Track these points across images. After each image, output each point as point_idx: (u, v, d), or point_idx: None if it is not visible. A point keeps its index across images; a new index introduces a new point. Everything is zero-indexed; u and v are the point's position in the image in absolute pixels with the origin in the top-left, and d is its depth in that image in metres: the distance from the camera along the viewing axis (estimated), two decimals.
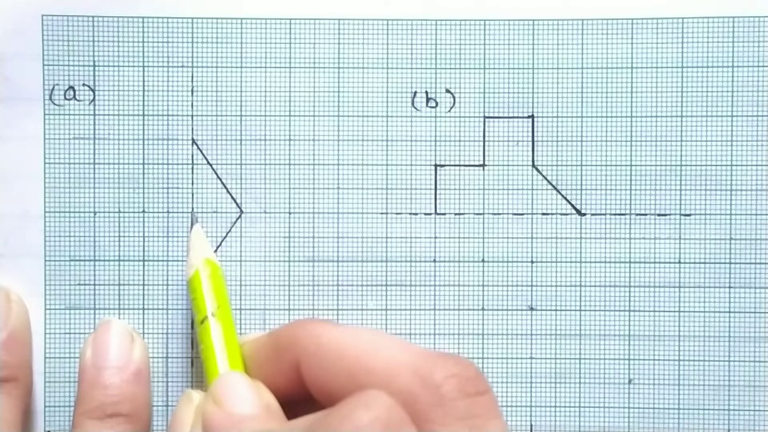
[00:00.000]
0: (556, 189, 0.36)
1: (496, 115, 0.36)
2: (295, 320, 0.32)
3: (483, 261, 0.36)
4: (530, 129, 0.36)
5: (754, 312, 0.36)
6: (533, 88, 0.36)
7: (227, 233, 0.36)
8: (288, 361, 0.30)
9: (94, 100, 0.36)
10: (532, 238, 0.36)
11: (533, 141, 0.36)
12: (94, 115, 0.36)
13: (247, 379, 0.31)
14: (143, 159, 0.36)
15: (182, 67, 0.36)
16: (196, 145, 0.36)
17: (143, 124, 0.36)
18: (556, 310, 0.36)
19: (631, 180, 0.36)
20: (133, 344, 0.34)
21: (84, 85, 0.36)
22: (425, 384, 0.27)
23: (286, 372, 0.30)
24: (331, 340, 0.29)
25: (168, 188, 0.36)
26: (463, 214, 0.36)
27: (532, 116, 0.36)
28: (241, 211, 0.36)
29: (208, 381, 0.31)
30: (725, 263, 0.36)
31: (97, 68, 0.36)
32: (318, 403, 0.29)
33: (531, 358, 0.36)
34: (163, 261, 0.36)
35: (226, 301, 0.33)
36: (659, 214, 0.36)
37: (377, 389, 0.27)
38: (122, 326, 0.35)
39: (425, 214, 0.36)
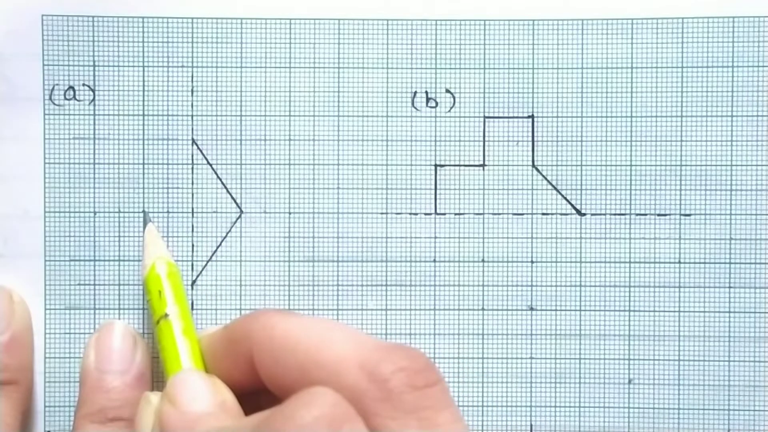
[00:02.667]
0: (556, 189, 0.36)
1: (496, 115, 0.36)
2: (250, 312, 0.32)
3: (483, 261, 0.36)
4: (530, 129, 0.36)
5: (754, 312, 0.36)
6: (533, 88, 0.36)
7: (227, 233, 0.36)
8: (242, 354, 0.30)
9: (94, 100, 0.36)
10: (532, 238, 0.36)
11: (533, 141, 0.36)
12: (94, 115, 0.36)
13: (203, 375, 0.31)
14: (143, 159, 0.36)
15: (182, 67, 0.36)
16: (196, 145, 0.36)
17: (143, 124, 0.36)
18: (556, 310, 0.36)
19: (631, 180, 0.36)
20: (136, 347, 0.34)
21: (84, 85, 0.36)
22: (372, 379, 0.27)
23: (241, 365, 0.30)
24: (283, 334, 0.29)
25: (168, 188, 0.36)
26: (463, 214, 0.36)
27: (532, 116, 0.36)
28: (241, 211, 0.36)
29: (167, 380, 0.31)
30: (725, 263, 0.36)
31: (97, 68, 0.36)
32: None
33: (531, 358, 0.36)
34: None
35: (183, 299, 0.33)
36: (659, 214, 0.36)
37: (327, 384, 0.26)
38: (125, 329, 0.35)
39: (425, 214, 0.36)
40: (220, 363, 0.31)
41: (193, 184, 0.36)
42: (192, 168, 0.36)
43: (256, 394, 0.30)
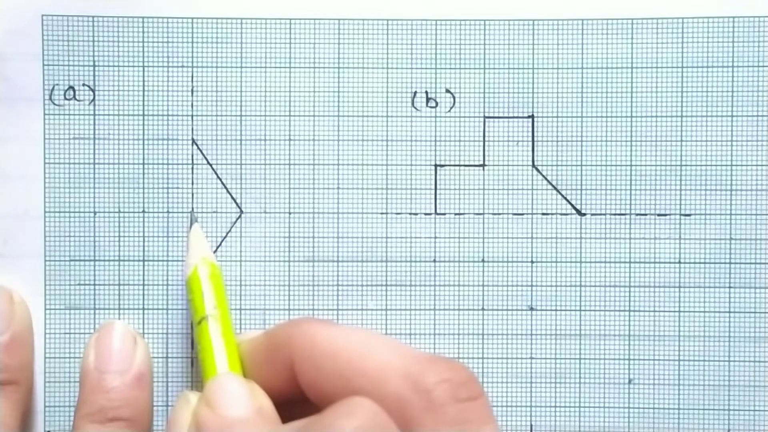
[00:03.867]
0: (556, 189, 0.36)
1: (496, 115, 0.36)
2: (291, 319, 0.32)
3: (483, 261, 0.36)
4: (530, 129, 0.36)
5: (754, 312, 0.36)
6: (533, 88, 0.36)
7: (227, 233, 0.36)
8: (282, 361, 0.30)
9: (94, 100, 0.36)
10: (532, 238, 0.36)
11: (533, 141, 0.36)
12: (94, 115, 0.36)
13: (241, 380, 0.31)
14: (143, 159, 0.36)
15: (182, 67, 0.36)
16: (196, 145, 0.36)
17: (143, 124, 0.36)
18: (556, 310, 0.36)
19: (631, 180, 0.36)
20: (136, 347, 0.34)
21: (84, 85, 0.36)
22: (416, 389, 0.27)
23: (280, 372, 0.30)
24: (325, 341, 0.29)
25: (168, 188, 0.36)
26: (463, 214, 0.36)
27: (532, 116, 0.36)
28: (241, 211, 0.36)
29: (204, 382, 0.31)
30: (725, 263, 0.36)
31: (97, 68, 0.36)
32: (314, 404, 0.29)
33: (531, 358, 0.36)
34: (163, 261, 0.36)
35: (225, 301, 0.33)
36: (659, 214, 0.36)
37: (369, 393, 0.26)
38: (125, 329, 0.35)
39: (425, 214, 0.36)
40: (260, 369, 0.31)
41: (193, 184, 0.36)
42: (192, 168, 0.36)
43: (292, 403, 0.30)
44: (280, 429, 0.28)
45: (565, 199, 0.36)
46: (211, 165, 0.36)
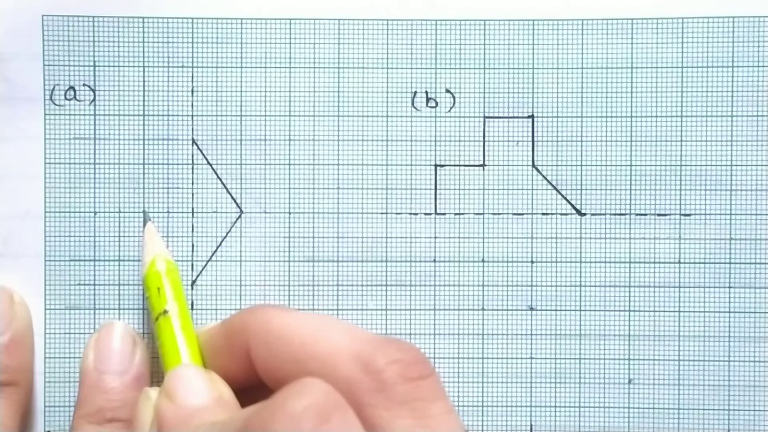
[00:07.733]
0: (556, 189, 0.36)
1: (496, 115, 0.36)
2: (247, 307, 0.32)
3: (483, 261, 0.36)
4: (530, 129, 0.36)
5: (754, 312, 0.36)
6: (533, 88, 0.36)
7: (227, 233, 0.36)
8: (239, 348, 0.30)
9: (94, 100, 0.36)
10: (532, 238, 0.36)
11: (533, 141, 0.36)
12: (94, 115, 0.36)
13: (199, 370, 0.31)
14: (143, 159, 0.36)
15: (182, 67, 0.36)
16: (196, 145, 0.36)
17: (143, 124, 0.36)
18: (556, 310, 0.36)
19: (631, 180, 0.36)
20: (135, 348, 0.34)
21: (84, 85, 0.36)
22: (366, 370, 0.27)
23: (238, 359, 0.30)
24: (280, 327, 0.29)
25: (168, 188, 0.36)
26: (463, 214, 0.36)
27: (532, 116, 0.36)
28: (241, 211, 0.36)
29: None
30: (725, 263, 0.36)
31: (97, 68, 0.36)
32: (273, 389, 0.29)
33: (531, 358, 0.36)
34: None
35: (182, 296, 0.34)
36: (659, 214, 0.36)
37: (321, 376, 0.27)
38: (125, 329, 0.35)
39: (425, 214, 0.36)
40: (218, 358, 0.31)
41: (193, 184, 0.36)
42: (192, 168, 0.36)
43: (254, 390, 0.30)
44: (237, 414, 0.28)
45: (565, 199, 0.36)
46: (211, 165, 0.36)
